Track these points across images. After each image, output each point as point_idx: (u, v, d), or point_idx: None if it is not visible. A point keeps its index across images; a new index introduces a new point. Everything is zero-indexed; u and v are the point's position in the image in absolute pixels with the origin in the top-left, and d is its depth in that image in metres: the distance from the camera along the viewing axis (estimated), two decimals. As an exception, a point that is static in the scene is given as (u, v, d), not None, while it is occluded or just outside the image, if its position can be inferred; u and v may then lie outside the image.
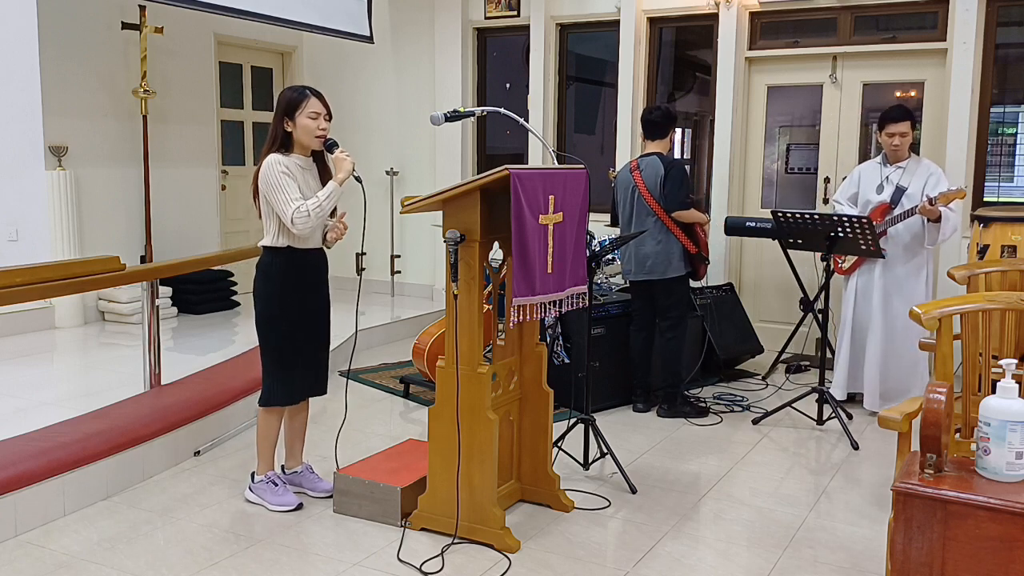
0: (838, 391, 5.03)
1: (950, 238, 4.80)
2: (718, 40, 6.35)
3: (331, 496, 3.61)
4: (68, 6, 6.21)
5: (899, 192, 4.85)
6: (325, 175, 3.53)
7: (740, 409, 5.07)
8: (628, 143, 6.60)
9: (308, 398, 3.71)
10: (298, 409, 3.74)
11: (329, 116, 3.47)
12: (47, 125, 5.61)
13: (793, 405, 4.88)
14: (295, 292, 3.49)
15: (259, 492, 3.61)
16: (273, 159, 3.37)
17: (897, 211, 4.82)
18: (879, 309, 4.91)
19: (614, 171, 4.97)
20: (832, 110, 6.20)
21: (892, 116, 4.84)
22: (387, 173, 7.78)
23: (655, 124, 4.84)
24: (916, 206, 4.65)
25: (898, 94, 6.18)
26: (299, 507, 3.56)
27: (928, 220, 4.68)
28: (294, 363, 3.54)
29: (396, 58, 7.76)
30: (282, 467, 3.79)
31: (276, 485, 3.60)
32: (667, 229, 4.78)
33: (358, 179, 3.45)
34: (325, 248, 3.63)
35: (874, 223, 4.62)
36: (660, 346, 4.93)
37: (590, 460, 4.08)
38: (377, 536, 3.34)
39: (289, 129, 3.41)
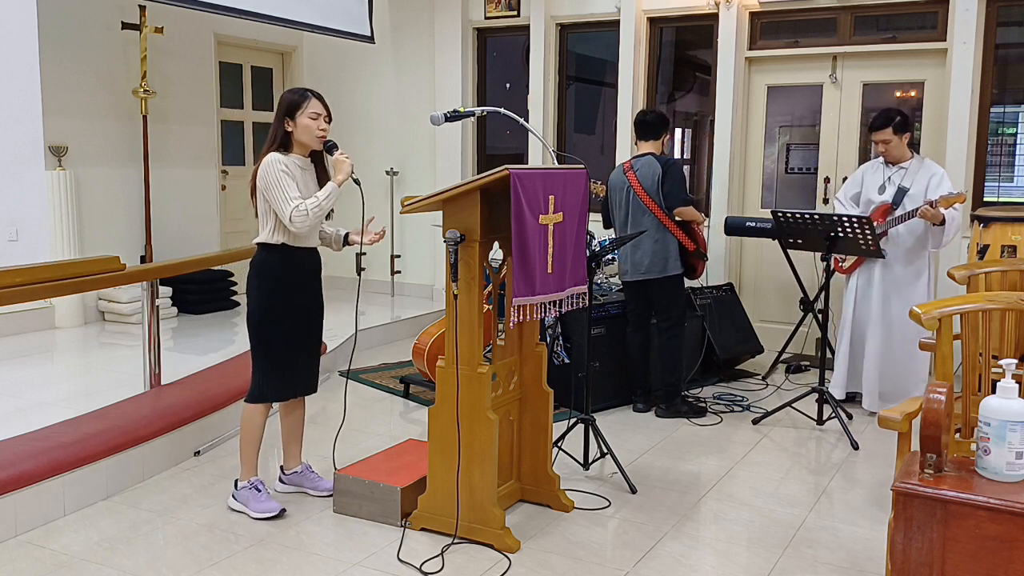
0: (837, 390, 5.02)
1: (953, 239, 4.79)
2: (718, 40, 6.35)
3: (332, 495, 3.60)
4: (68, 6, 6.21)
5: (901, 193, 4.83)
6: (322, 176, 3.55)
7: (740, 409, 5.07)
8: (628, 143, 6.59)
9: (301, 396, 3.70)
10: (292, 407, 3.72)
11: (329, 118, 3.50)
12: (47, 125, 5.60)
13: (793, 405, 4.88)
14: (289, 290, 3.50)
15: (242, 499, 3.54)
16: (273, 157, 3.39)
17: (898, 212, 4.80)
18: (878, 309, 4.91)
19: (600, 184, 4.95)
20: (832, 110, 6.20)
21: (872, 126, 4.90)
22: (387, 173, 7.78)
23: (650, 125, 4.86)
24: (917, 208, 4.62)
25: (898, 94, 6.18)
26: (282, 513, 3.48)
27: (932, 224, 4.65)
28: (288, 361, 3.54)
29: (396, 58, 7.76)
30: (281, 467, 3.79)
31: (259, 491, 3.53)
32: (664, 227, 4.76)
33: (357, 181, 3.47)
34: (319, 248, 3.63)
35: (875, 224, 4.61)
36: (659, 347, 4.92)
37: (590, 460, 4.08)
38: (377, 536, 3.34)
39: (289, 129, 3.43)
